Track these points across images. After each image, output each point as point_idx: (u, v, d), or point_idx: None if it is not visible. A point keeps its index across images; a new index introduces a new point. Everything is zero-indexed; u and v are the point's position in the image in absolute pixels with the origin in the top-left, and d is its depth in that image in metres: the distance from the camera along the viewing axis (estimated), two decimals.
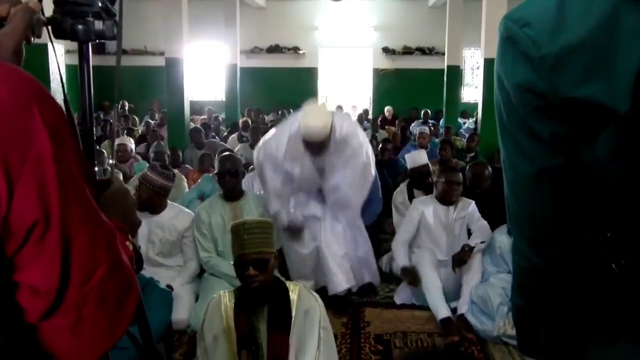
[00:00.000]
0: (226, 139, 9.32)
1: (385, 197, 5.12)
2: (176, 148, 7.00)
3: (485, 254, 4.08)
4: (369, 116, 13.16)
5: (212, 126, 10.23)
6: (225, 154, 4.37)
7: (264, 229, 2.51)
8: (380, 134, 9.94)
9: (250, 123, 9.67)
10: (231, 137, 9.28)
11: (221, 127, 11.06)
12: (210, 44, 14.50)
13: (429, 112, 12.28)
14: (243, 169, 4.34)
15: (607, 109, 0.76)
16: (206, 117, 12.03)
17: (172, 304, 3.24)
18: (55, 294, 0.83)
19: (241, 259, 2.45)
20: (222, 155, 4.32)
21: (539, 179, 0.90)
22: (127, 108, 12.62)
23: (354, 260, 4.13)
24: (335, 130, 3.85)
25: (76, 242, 0.85)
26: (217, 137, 9.29)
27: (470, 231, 4.28)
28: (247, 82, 12.88)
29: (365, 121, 12.28)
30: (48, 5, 1.11)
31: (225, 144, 8.10)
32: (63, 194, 0.83)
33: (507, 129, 0.93)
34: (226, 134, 10.06)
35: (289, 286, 2.56)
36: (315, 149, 3.88)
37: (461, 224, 4.27)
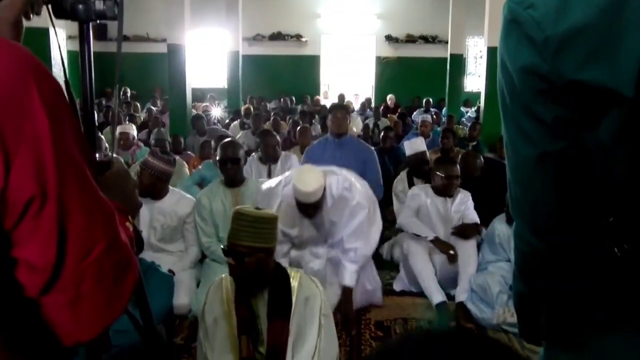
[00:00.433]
0: (228, 126, 9.32)
1: (386, 185, 5.14)
2: (178, 135, 6.99)
3: (484, 242, 4.09)
4: (372, 104, 13.13)
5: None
6: (227, 141, 4.36)
7: (254, 223, 2.41)
8: (382, 122, 9.93)
9: (252, 110, 9.66)
10: (233, 125, 9.27)
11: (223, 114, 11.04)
12: (212, 31, 14.45)
13: (431, 100, 12.24)
14: (244, 155, 4.33)
15: (611, 92, 0.75)
16: (208, 104, 12.01)
17: (173, 288, 3.25)
18: (52, 270, 0.84)
19: (228, 246, 2.44)
20: (224, 142, 4.31)
21: (542, 163, 0.89)
22: (129, 95, 12.61)
23: (359, 296, 3.89)
24: (331, 189, 3.65)
25: (73, 218, 0.85)
26: (219, 124, 9.28)
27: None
28: (249, 70, 12.84)
29: (368, 109, 12.28)
30: None
31: (227, 131, 8.10)
32: (60, 170, 0.83)
33: (510, 112, 0.92)
34: (228, 121, 10.06)
35: (290, 273, 2.56)
36: (310, 211, 3.64)
37: (459, 216, 4.26)
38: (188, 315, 3.69)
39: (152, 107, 11.32)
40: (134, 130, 6.93)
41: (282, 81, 14.14)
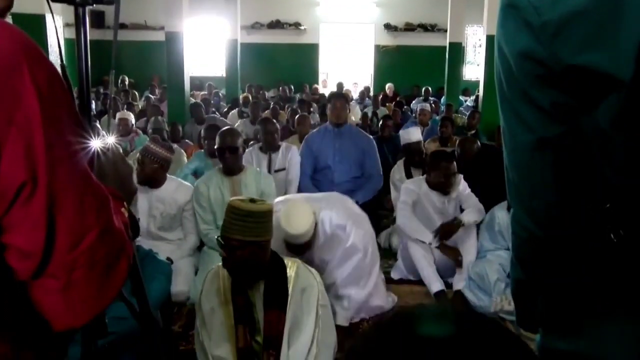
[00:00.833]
0: (226, 114, 9.30)
1: (385, 174, 5.14)
2: (176, 123, 6.98)
3: (483, 230, 4.06)
4: (370, 93, 13.11)
5: (212, 102, 10.19)
6: (225, 129, 4.35)
7: (246, 217, 2.37)
8: (381, 111, 9.92)
9: (250, 99, 9.64)
10: (231, 113, 9.25)
11: (221, 103, 11.03)
12: (210, 18, 14.38)
13: (430, 89, 12.22)
14: (243, 144, 4.32)
15: (609, 76, 0.75)
16: (206, 93, 11.98)
17: (171, 275, 3.25)
18: (41, 255, 0.83)
19: (221, 238, 2.41)
20: (222, 130, 4.29)
21: (539, 149, 0.89)
22: (127, 83, 12.57)
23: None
24: (324, 225, 3.37)
25: (63, 205, 0.84)
26: (217, 113, 9.26)
27: (462, 208, 4.24)
28: (248, 58, 12.79)
29: (367, 98, 12.25)
30: None
31: (226, 120, 8.08)
32: (50, 156, 0.82)
33: (507, 98, 0.92)
34: (226, 109, 10.03)
35: (286, 263, 2.55)
36: (299, 250, 3.31)
37: (454, 205, 4.22)
38: (186, 303, 3.70)
39: (150, 96, 11.28)
40: (132, 118, 6.92)
41: (281, 70, 14.10)
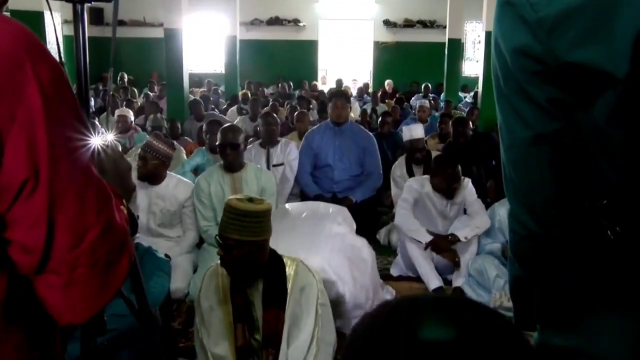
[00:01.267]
0: (225, 111, 9.29)
1: (384, 170, 5.15)
2: (175, 120, 6.97)
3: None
4: (369, 89, 13.09)
5: (212, 99, 10.18)
6: (227, 126, 4.37)
7: (242, 217, 2.35)
8: (380, 107, 9.92)
9: (249, 95, 9.63)
10: (230, 110, 9.24)
11: (220, 100, 11.02)
12: (209, 15, 14.35)
13: (430, 85, 12.22)
14: (244, 141, 4.32)
15: (604, 73, 0.75)
16: (206, 90, 11.97)
17: (170, 272, 3.26)
18: (42, 251, 0.83)
19: (219, 237, 2.41)
20: (224, 126, 4.31)
21: (536, 145, 0.89)
22: (126, 80, 12.54)
23: None
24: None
25: (64, 202, 0.84)
26: (216, 109, 9.25)
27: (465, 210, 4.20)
28: (247, 55, 12.77)
29: (366, 94, 12.24)
30: None
31: (225, 117, 8.07)
32: (52, 152, 0.82)
33: (504, 94, 0.92)
34: (225, 106, 10.02)
35: (286, 261, 2.53)
36: None
37: (457, 209, 4.18)
38: (186, 300, 3.70)
39: (149, 93, 11.27)
40: (131, 115, 6.92)
41: (280, 66, 14.08)
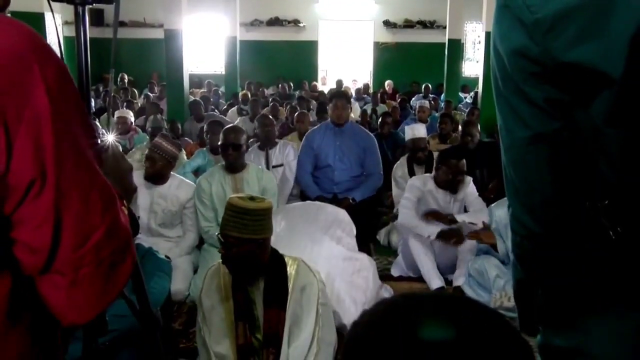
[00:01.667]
0: (225, 112, 9.29)
1: (385, 171, 5.14)
2: (175, 121, 6.97)
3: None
4: (369, 90, 13.10)
5: (212, 100, 10.18)
6: (230, 126, 4.39)
7: (242, 215, 2.36)
8: (381, 108, 9.92)
9: (249, 96, 9.63)
10: (231, 111, 9.24)
11: (221, 101, 11.02)
12: (209, 16, 14.35)
13: (430, 86, 12.22)
14: (247, 142, 4.34)
15: (600, 73, 0.76)
16: (206, 90, 11.97)
17: (171, 273, 3.26)
18: (48, 252, 0.84)
19: (221, 235, 2.42)
20: (227, 127, 4.34)
21: (535, 144, 0.90)
22: (126, 81, 12.55)
23: None
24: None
25: (70, 202, 0.85)
26: (216, 110, 9.25)
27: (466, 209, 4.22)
28: (247, 55, 12.77)
29: (366, 95, 12.24)
30: None
31: (225, 117, 8.07)
32: (59, 153, 0.83)
33: (502, 95, 0.93)
34: (226, 107, 10.02)
35: (287, 261, 2.54)
36: None
37: (459, 206, 4.20)
38: (186, 301, 3.71)
39: (150, 94, 11.27)
40: (131, 116, 6.92)
41: (280, 67, 14.08)
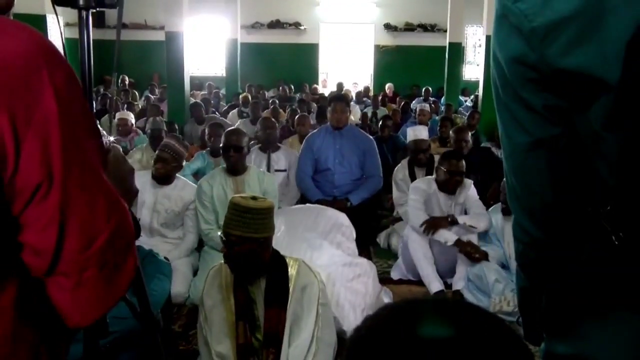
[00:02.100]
0: (225, 114, 9.29)
1: (385, 174, 5.14)
2: (172, 122, 6.97)
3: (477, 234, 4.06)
4: (370, 93, 13.10)
5: (212, 102, 10.18)
6: (232, 129, 4.41)
7: (244, 213, 2.39)
8: (381, 111, 9.93)
9: (250, 98, 9.64)
10: (231, 113, 9.25)
11: (221, 103, 11.02)
12: (210, 18, 14.37)
13: (430, 89, 12.23)
14: (248, 144, 4.35)
15: (596, 79, 0.77)
16: (206, 93, 11.97)
17: (171, 275, 3.28)
18: (53, 254, 0.85)
19: (223, 234, 2.46)
20: (228, 129, 4.36)
21: (535, 150, 0.91)
22: (127, 82, 12.55)
23: None
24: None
25: (76, 205, 0.86)
26: (217, 112, 9.26)
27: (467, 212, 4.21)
28: (248, 58, 12.79)
29: (366, 98, 12.24)
30: None
31: (226, 120, 8.08)
32: (66, 157, 0.84)
33: (503, 102, 0.94)
34: (226, 107, 10.03)
35: (288, 262, 2.56)
36: None
37: (460, 209, 4.19)
38: (186, 303, 3.71)
39: (150, 95, 11.28)
40: (131, 118, 6.93)
41: (281, 69, 14.09)
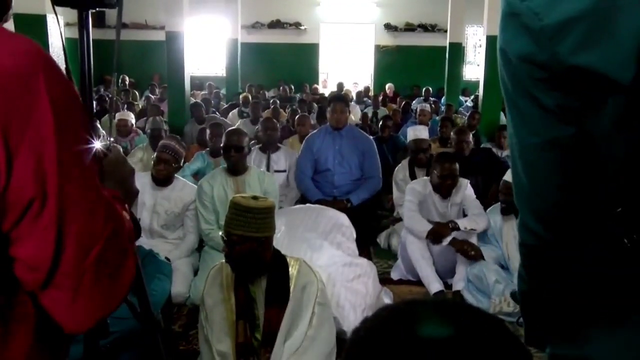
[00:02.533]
0: (225, 114, 9.29)
1: (385, 174, 5.14)
2: (167, 122, 6.99)
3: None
4: (370, 93, 13.11)
5: (213, 102, 10.18)
6: (232, 128, 4.41)
7: (245, 213, 2.40)
8: (381, 111, 9.93)
9: (250, 98, 9.63)
10: (231, 113, 9.25)
11: (221, 103, 11.02)
12: (211, 18, 14.36)
13: (430, 89, 12.22)
14: (249, 144, 4.35)
15: (608, 78, 0.75)
16: (207, 93, 11.97)
17: (171, 275, 3.27)
18: (48, 270, 0.84)
19: (224, 233, 2.46)
20: (229, 129, 4.36)
21: (547, 151, 0.89)
22: (127, 82, 12.56)
23: None
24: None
25: (72, 220, 0.85)
26: (217, 112, 9.25)
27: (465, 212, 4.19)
28: (248, 58, 12.79)
29: (366, 98, 12.25)
30: None
31: (226, 120, 8.08)
32: (62, 171, 0.82)
33: (513, 102, 0.92)
34: (227, 107, 10.03)
35: (289, 261, 2.57)
36: None
37: (457, 210, 4.19)
38: (186, 303, 3.71)
39: (151, 95, 11.28)
40: (132, 118, 6.93)
41: (281, 69, 14.09)
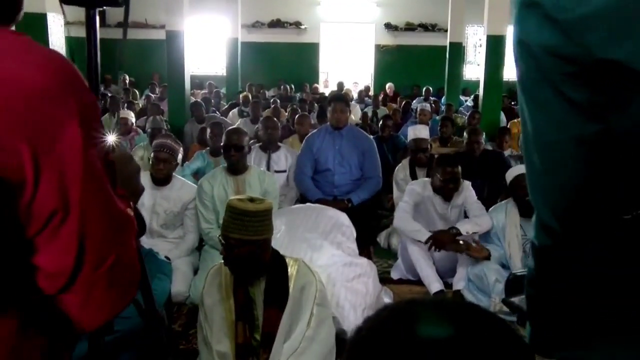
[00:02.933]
0: (225, 113, 9.29)
1: (385, 174, 5.14)
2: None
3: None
4: (370, 92, 13.11)
5: (213, 101, 10.18)
6: (232, 128, 4.40)
7: (241, 216, 2.39)
8: (381, 111, 9.93)
9: (250, 98, 9.63)
10: (231, 112, 9.24)
11: (222, 102, 11.03)
12: (211, 17, 14.35)
13: (431, 89, 12.23)
14: (249, 143, 4.35)
15: (638, 73, 0.72)
16: (207, 92, 11.97)
17: (172, 274, 3.27)
18: (67, 278, 0.87)
19: (222, 237, 2.45)
20: (229, 128, 4.35)
21: (573, 147, 0.86)
22: (127, 81, 12.56)
23: None
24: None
25: (92, 230, 0.87)
26: (217, 112, 9.25)
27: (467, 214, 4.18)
28: (248, 57, 12.79)
29: (367, 97, 12.25)
30: None
31: (226, 119, 8.08)
32: (85, 187, 0.85)
33: (533, 97, 0.88)
34: (227, 107, 10.03)
35: (288, 262, 2.56)
36: None
37: (458, 211, 4.18)
38: (186, 302, 3.71)
39: (151, 94, 11.28)
40: (132, 117, 6.93)
41: (281, 69, 14.09)
